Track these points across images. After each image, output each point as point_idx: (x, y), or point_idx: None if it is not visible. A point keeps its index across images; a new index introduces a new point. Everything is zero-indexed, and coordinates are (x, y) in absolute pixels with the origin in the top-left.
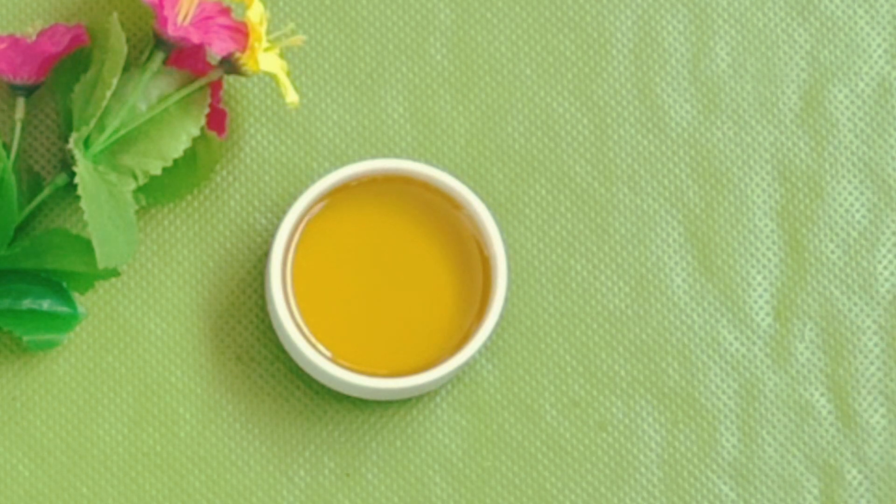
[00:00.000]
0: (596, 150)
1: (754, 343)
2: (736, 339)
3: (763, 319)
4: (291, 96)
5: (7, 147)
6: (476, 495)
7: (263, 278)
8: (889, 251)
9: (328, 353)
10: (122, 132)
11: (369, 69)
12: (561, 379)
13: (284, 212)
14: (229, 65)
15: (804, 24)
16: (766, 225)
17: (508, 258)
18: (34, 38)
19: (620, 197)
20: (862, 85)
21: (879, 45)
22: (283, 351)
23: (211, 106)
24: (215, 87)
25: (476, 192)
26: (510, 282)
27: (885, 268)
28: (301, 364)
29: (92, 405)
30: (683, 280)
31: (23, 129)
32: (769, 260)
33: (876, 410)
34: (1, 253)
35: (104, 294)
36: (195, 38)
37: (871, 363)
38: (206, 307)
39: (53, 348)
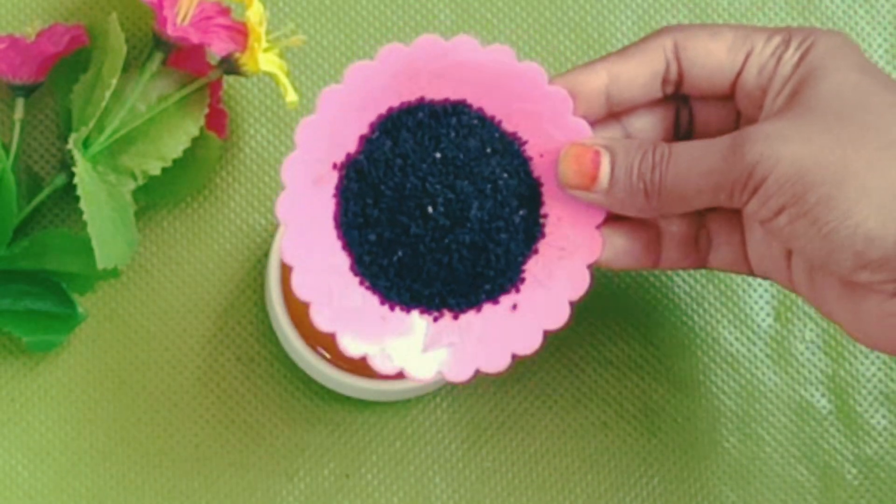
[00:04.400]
0: None
1: (755, 343)
2: (736, 339)
3: (763, 320)
4: (291, 96)
5: (6, 147)
6: (476, 495)
7: (263, 279)
8: None
9: (327, 355)
10: (122, 132)
11: None
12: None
13: None
14: (229, 65)
15: (805, 24)
16: None
17: None
18: (33, 38)
19: None
20: None
21: (880, 45)
22: (283, 352)
23: (210, 106)
24: (215, 87)
25: None
26: None
27: None
28: (300, 365)
29: (91, 406)
30: (684, 280)
31: (22, 129)
32: None
33: (877, 411)
34: (0, 253)
35: (104, 295)
36: (195, 39)
37: (872, 363)
38: (205, 308)
39: (53, 349)
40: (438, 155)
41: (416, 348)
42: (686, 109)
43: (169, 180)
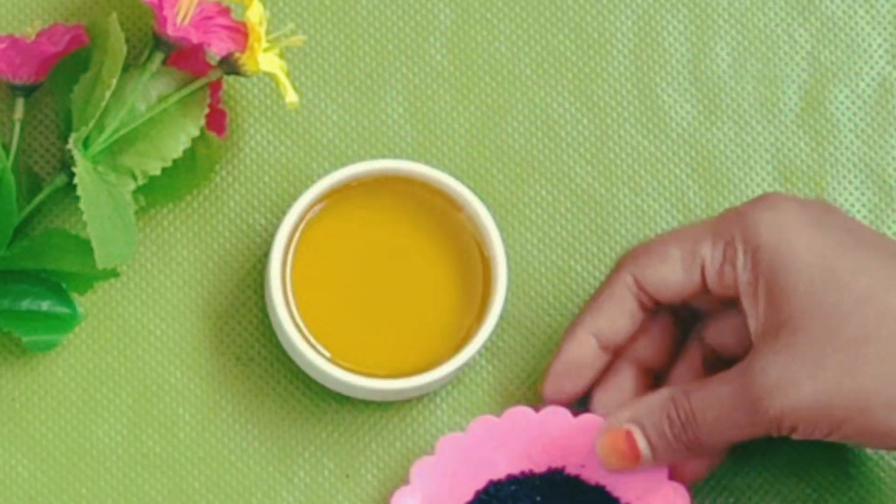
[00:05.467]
0: (596, 150)
1: None
2: None
3: None
4: (291, 96)
5: (6, 147)
6: None
7: (263, 278)
8: None
9: (327, 354)
10: (122, 132)
11: (369, 69)
12: None
13: (284, 212)
14: (229, 65)
15: (804, 24)
16: None
17: (508, 259)
18: (33, 38)
19: (620, 197)
20: (862, 85)
21: (880, 46)
22: (283, 351)
23: (210, 106)
24: (215, 87)
25: (476, 193)
26: (510, 282)
27: None
28: (300, 365)
29: (91, 406)
30: None
31: (22, 129)
32: None
33: None
34: (0, 253)
35: (103, 295)
36: (194, 39)
37: None
38: (205, 308)
39: (53, 349)
40: None
41: None
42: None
43: (169, 180)
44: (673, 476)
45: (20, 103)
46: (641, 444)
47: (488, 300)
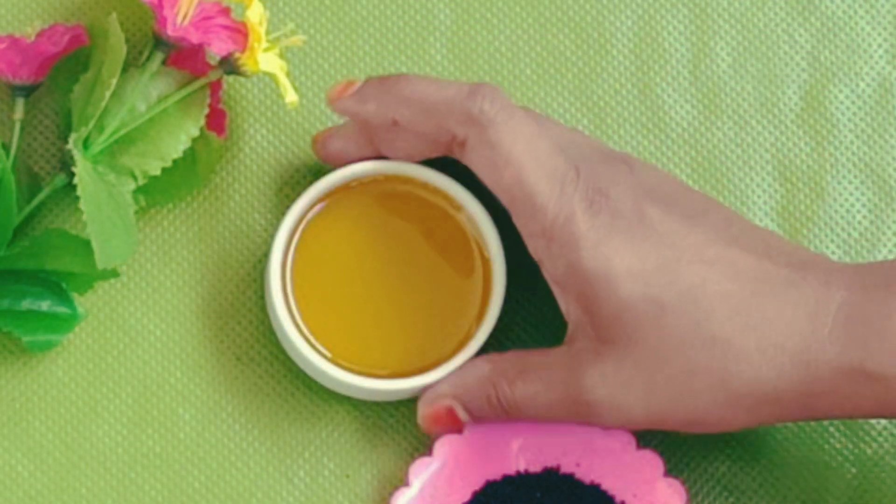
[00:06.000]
0: None
1: None
2: None
3: None
4: (291, 96)
5: (6, 147)
6: None
7: (263, 278)
8: (890, 251)
9: (327, 354)
10: (122, 132)
11: (369, 69)
12: None
13: (284, 212)
14: (229, 65)
15: (804, 24)
16: (766, 225)
17: (506, 260)
18: (33, 38)
19: None
20: (862, 85)
21: (880, 46)
22: (283, 351)
23: (210, 106)
24: (215, 87)
25: (476, 193)
26: (509, 283)
27: None
28: (300, 364)
29: (91, 406)
30: None
31: (22, 129)
32: None
33: None
34: (0, 254)
35: (103, 295)
36: (194, 39)
37: None
38: (205, 308)
39: (53, 349)
40: None
41: None
42: None
43: (169, 180)
44: None
45: (20, 103)
46: (462, 416)
47: (488, 301)
